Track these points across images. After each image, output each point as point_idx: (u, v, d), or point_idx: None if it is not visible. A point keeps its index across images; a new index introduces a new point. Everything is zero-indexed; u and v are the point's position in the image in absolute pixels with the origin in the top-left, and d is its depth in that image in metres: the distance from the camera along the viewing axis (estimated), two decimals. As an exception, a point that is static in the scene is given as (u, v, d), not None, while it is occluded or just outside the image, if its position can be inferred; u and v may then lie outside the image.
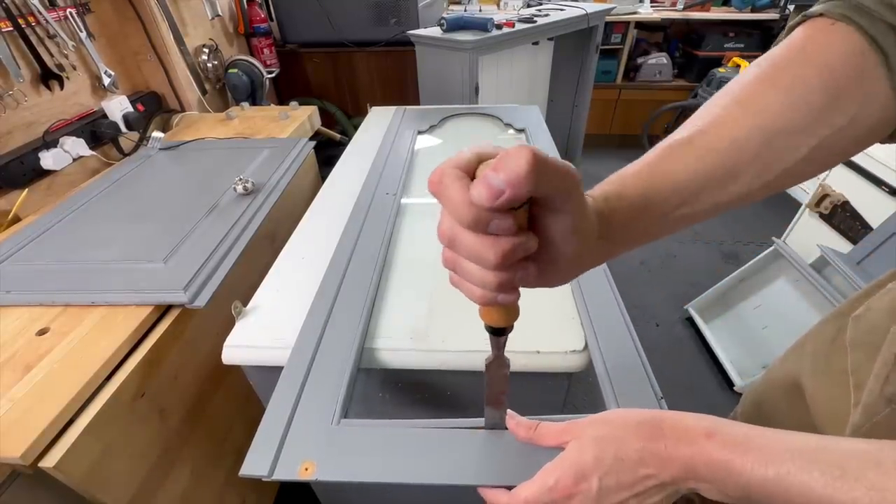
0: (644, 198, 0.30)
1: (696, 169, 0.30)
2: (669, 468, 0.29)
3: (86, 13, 1.14)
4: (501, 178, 0.21)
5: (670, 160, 0.30)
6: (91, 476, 0.55)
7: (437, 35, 1.61)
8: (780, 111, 0.28)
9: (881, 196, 1.19)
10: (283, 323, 0.61)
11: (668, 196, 0.30)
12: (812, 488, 0.24)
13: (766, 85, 0.29)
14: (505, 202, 0.21)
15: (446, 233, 0.24)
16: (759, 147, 0.29)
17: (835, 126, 0.28)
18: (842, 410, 0.38)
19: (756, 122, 0.29)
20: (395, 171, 0.96)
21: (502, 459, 0.40)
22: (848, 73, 0.27)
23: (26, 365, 0.58)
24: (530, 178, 0.21)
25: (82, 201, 0.94)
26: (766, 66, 0.30)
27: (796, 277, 1.33)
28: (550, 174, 0.22)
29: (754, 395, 0.56)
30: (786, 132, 0.28)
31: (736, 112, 0.30)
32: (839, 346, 0.41)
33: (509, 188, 0.21)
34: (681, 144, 0.30)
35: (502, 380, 0.37)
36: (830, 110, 0.28)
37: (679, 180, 0.30)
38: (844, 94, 0.28)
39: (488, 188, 0.21)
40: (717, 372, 1.49)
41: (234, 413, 0.87)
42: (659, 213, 0.30)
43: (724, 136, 0.29)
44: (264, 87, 1.72)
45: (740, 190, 0.30)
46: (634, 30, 2.63)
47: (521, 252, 0.24)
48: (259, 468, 0.41)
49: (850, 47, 0.27)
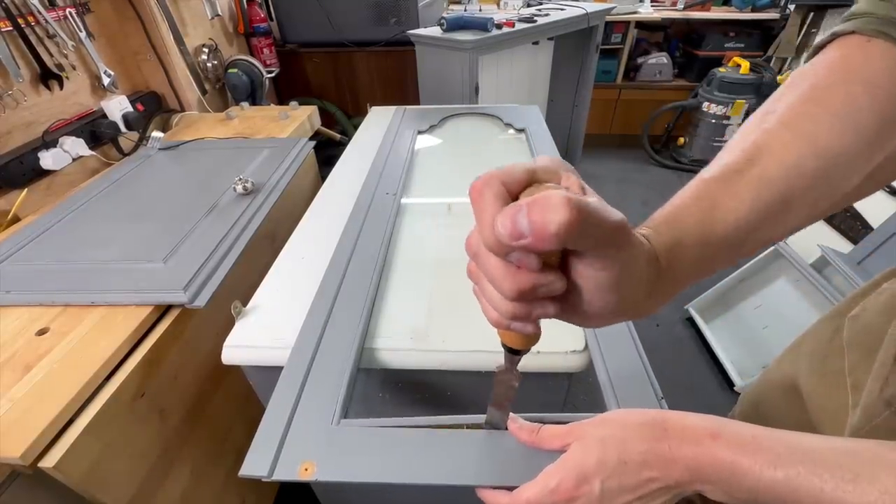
0: (703, 244, 0.27)
1: (753, 202, 0.27)
2: (674, 470, 0.28)
3: (85, 13, 1.14)
4: (526, 224, 0.19)
5: (725, 195, 0.27)
6: (91, 476, 0.55)
7: (437, 35, 1.61)
8: (832, 135, 0.26)
9: (881, 196, 1.19)
10: (283, 323, 0.61)
11: (727, 238, 0.27)
12: (823, 490, 0.23)
13: (813, 106, 0.27)
14: (524, 248, 0.20)
15: (473, 246, 0.23)
16: (814, 173, 0.27)
17: (888, 149, 0.27)
18: (840, 411, 0.38)
19: (809, 147, 0.26)
20: (395, 171, 0.96)
21: (503, 460, 0.40)
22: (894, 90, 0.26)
23: (26, 365, 0.58)
24: (560, 237, 0.19)
25: (82, 201, 0.94)
26: (807, 86, 0.28)
27: (797, 277, 1.33)
28: (592, 230, 0.20)
29: (752, 396, 0.56)
30: (843, 157, 0.26)
31: (785, 136, 0.27)
32: (836, 347, 0.41)
33: (533, 238, 0.19)
34: (740, 172, 0.27)
35: (510, 391, 0.37)
36: (883, 132, 0.26)
37: (740, 218, 0.27)
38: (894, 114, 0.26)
39: (513, 226, 0.19)
40: (717, 372, 1.49)
41: (234, 413, 0.87)
42: (713, 259, 0.28)
43: (777, 164, 0.27)
44: (264, 86, 1.72)
45: (793, 223, 0.28)
46: (634, 29, 2.62)
47: (543, 292, 0.22)
48: (259, 468, 0.41)
49: (891, 63, 0.26)
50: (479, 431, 0.43)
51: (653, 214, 0.29)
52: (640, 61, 2.74)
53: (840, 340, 0.40)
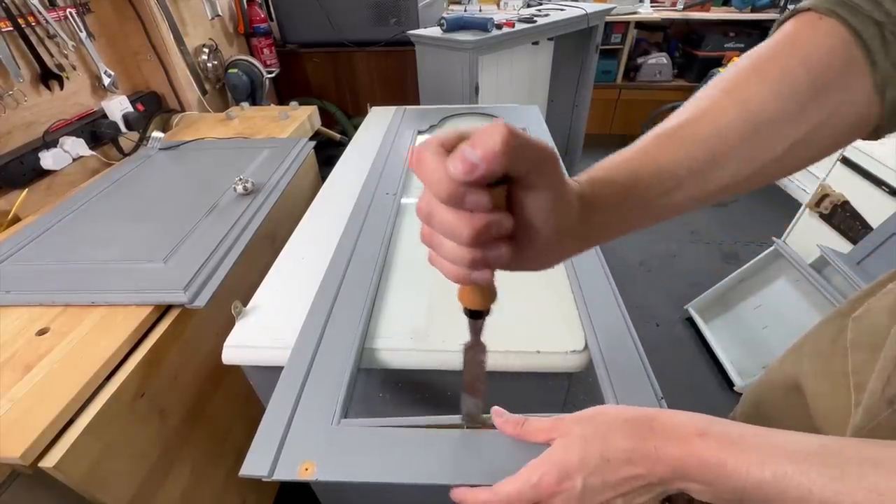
0: (629, 183, 0.30)
1: (681, 157, 0.30)
2: (658, 468, 0.28)
3: (86, 13, 1.14)
4: (477, 154, 0.21)
5: (657, 148, 0.31)
6: (91, 476, 0.55)
7: (437, 35, 1.61)
8: (765, 101, 0.28)
9: (881, 196, 1.19)
10: (283, 323, 0.61)
11: (653, 183, 0.30)
12: (811, 490, 0.23)
13: (753, 75, 0.29)
14: (480, 176, 0.22)
15: (424, 209, 0.25)
16: (742, 136, 0.29)
17: (817, 119, 0.28)
18: (842, 411, 0.38)
19: (741, 111, 0.29)
20: (395, 171, 0.96)
21: (504, 459, 0.40)
22: (833, 66, 0.27)
23: (26, 365, 0.58)
24: (505, 153, 0.21)
25: (82, 201, 0.94)
26: (754, 57, 0.30)
27: (796, 277, 1.33)
28: (526, 151, 0.23)
29: (753, 396, 0.56)
30: (770, 122, 0.28)
31: (722, 101, 0.30)
32: (839, 348, 0.41)
33: (484, 162, 0.21)
34: (668, 133, 0.31)
35: (479, 366, 0.37)
36: (814, 102, 0.28)
37: (664, 168, 0.30)
38: (828, 87, 0.28)
39: (463, 162, 0.21)
40: (717, 372, 1.49)
41: (234, 413, 0.87)
42: (642, 199, 0.30)
43: (709, 125, 0.30)
44: (264, 87, 1.72)
45: (721, 181, 0.30)
46: (634, 30, 2.63)
47: (496, 229, 0.24)
48: (259, 468, 0.41)
49: (835, 42, 0.27)
50: (480, 431, 0.43)
51: None
52: (639, 61, 2.74)
53: (843, 341, 0.40)
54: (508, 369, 0.56)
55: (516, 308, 0.62)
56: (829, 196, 1.33)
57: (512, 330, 0.59)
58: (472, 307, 0.30)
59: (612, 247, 2.09)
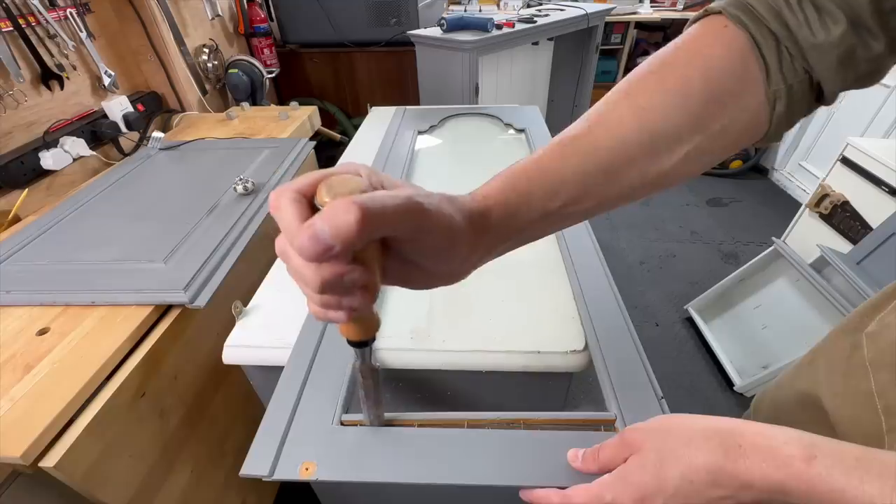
0: (523, 196, 0.30)
1: (582, 167, 0.30)
2: (751, 491, 0.25)
3: (86, 13, 1.14)
4: (328, 234, 0.20)
5: (558, 158, 0.30)
6: (91, 476, 0.55)
7: (437, 35, 1.61)
8: (662, 111, 0.29)
9: (881, 196, 1.19)
10: (283, 323, 0.61)
11: (552, 194, 0.30)
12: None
13: (653, 82, 0.30)
14: (333, 258, 0.21)
15: (279, 248, 0.24)
16: (640, 145, 0.29)
17: (713, 129, 0.29)
18: (873, 435, 0.35)
19: (639, 119, 0.29)
20: (395, 172, 0.96)
21: (505, 458, 0.40)
22: (730, 80, 0.28)
23: (26, 365, 0.58)
24: (360, 235, 0.20)
25: (82, 201, 0.94)
26: (657, 62, 0.30)
27: (796, 277, 1.33)
28: (386, 219, 0.22)
29: (767, 412, 0.53)
30: (666, 133, 0.29)
31: (622, 109, 0.30)
32: (857, 365, 0.38)
33: (338, 244, 0.20)
34: (570, 141, 0.31)
35: (371, 385, 0.38)
36: (710, 114, 0.28)
37: (566, 179, 0.30)
38: (724, 99, 0.28)
39: (316, 243, 0.20)
40: (716, 372, 1.49)
41: (234, 413, 0.87)
42: (540, 211, 0.30)
43: (607, 133, 0.30)
44: (264, 87, 1.72)
45: (622, 189, 0.30)
46: (634, 30, 2.63)
47: (348, 281, 0.23)
48: (259, 468, 0.41)
49: (734, 52, 0.28)
50: (480, 430, 0.43)
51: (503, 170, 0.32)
52: (639, 62, 2.72)
53: (860, 358, 0.38)
54: (508, 369, 0.56)
55: (516, 308, 0.63)
56: (829, 196, 1.33)
57: (512, 330, 0.59)
58: (349, 338, 0.30)
59: (612, 247, 2.10)
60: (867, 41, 0.26)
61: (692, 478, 0.27)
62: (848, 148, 1.28)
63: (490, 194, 0.30)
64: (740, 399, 1.40)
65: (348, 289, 0.23)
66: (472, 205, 0.29)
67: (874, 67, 0.27)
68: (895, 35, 0.26)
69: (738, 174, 2.61)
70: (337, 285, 0.23)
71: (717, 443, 0.27)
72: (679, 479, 0.27)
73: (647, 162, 0.29)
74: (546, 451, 0.40)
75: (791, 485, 0.24)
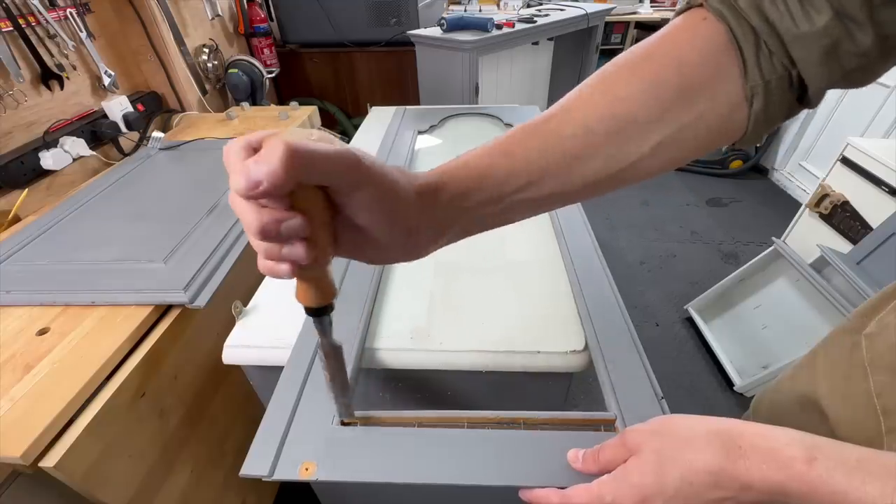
0: (478, 177, 0.29)
1: (543, 150, 0.29)
2: (751, 493, 0.25)
3: (86, 13, 1.14)
4: (256, 169, 0.21)
5: (522, 140, 0.30)
6: (91, 476, 0.55)
7: (437, 35, 1.61)
8: (634, 101, 0.28)
9: (881, 196, 1.19)
10: (283, 323, 0.61)
11: (509, 175, 0.29)
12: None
13: (626, 72, 0.29)
14: (263, 194, 0.21)
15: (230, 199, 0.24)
16: (608, 133, 0.29)
17: (682, 122, 0.28)
18: (872, 436, 0.35)
19: (611, 109, 0.29)
20: (396, 171, 0.96)
21: (505, 458, 0.40)
22: (703, 71, 0.27)
23: (26, 365, 0.58)
24: (287, 171, 0.21)
25: (82, 201, 0.94)
26: (636, 52, 0.30)
27: (796, 277, 1.33)
28: (318, 164, 0.22)
29: (766, 413, 0.53)
30: (635, 122, 0.28)
31: (596, 97, 0.30)
32: (856, 366, 0.38)
33: (267, 181, 0.21)
34: (537, 125, 0.30)
35: (334, 366, 0.37)
36: (679, 106, 0.28)
37: (529, 160, 0.29)
38: (696, 93, 0.28)
39: (246, 178, 0.21)
40: (716, 372, 1.49)
41: (234, 413, 0.87)
42: (495, 192, 0.30)
43: (578, 121, 0.29)
44: (264, 87, 1.72)
45: (585, 178, 0.30)
46: (634, 30, 2.63)
47: (285, 229, 0.23)
48: (259, 468, 0.41)
49: (710, 45, 0.27)
50: (480, 430, 0.43)
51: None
52: (639, 61, 2.74)
53: (859, 359, 0.38)
54: (508, 369, 0.56)
55: (516, 308, 0.63)
56: (828, 196, 1.33)
57: (512, 330, 0.59)
58: (305, 304, 0.29)
59: (612, 247, 2.10)
60: (853, 33, 0.25)
61: (692, 479, 0.27)
62: (848, 148, 1.28)
63: (446, 170, 0.30)
64: (740, 399, 1.40)
65: (288, 238, 0.24)
66: (425, 178, 0.29)
67: (862, 63, 0.26)
68: (884, 30, 0.24)
69: (738, 174, 2.61)
70: (275, 231, 0.23)
71: (718, 444, 0.27)
72: (679, 480, 0.27)
73: (613, 150, 0.29)
74: (546, 451, 0.40)
75: (792, 486, 0.24)
